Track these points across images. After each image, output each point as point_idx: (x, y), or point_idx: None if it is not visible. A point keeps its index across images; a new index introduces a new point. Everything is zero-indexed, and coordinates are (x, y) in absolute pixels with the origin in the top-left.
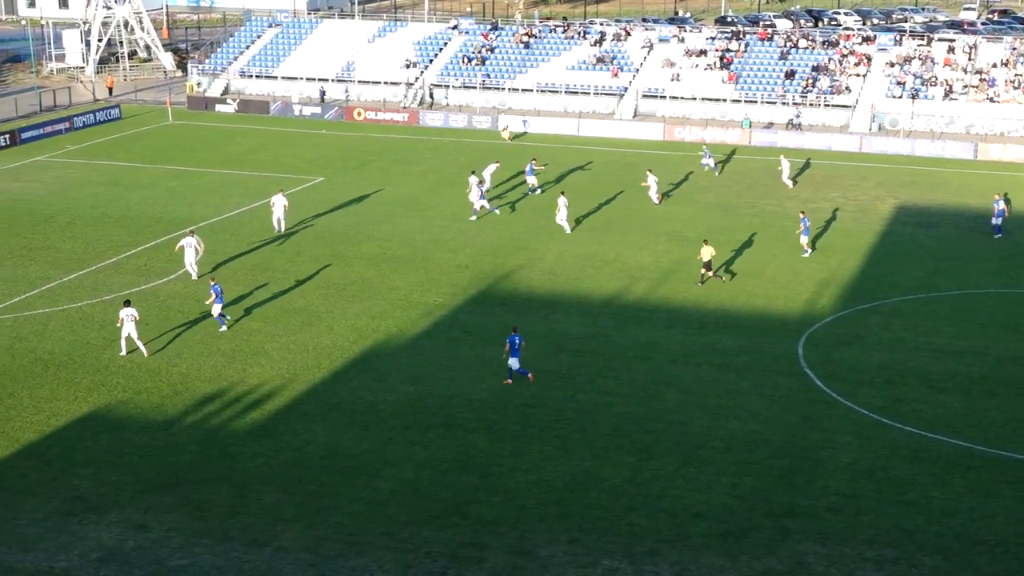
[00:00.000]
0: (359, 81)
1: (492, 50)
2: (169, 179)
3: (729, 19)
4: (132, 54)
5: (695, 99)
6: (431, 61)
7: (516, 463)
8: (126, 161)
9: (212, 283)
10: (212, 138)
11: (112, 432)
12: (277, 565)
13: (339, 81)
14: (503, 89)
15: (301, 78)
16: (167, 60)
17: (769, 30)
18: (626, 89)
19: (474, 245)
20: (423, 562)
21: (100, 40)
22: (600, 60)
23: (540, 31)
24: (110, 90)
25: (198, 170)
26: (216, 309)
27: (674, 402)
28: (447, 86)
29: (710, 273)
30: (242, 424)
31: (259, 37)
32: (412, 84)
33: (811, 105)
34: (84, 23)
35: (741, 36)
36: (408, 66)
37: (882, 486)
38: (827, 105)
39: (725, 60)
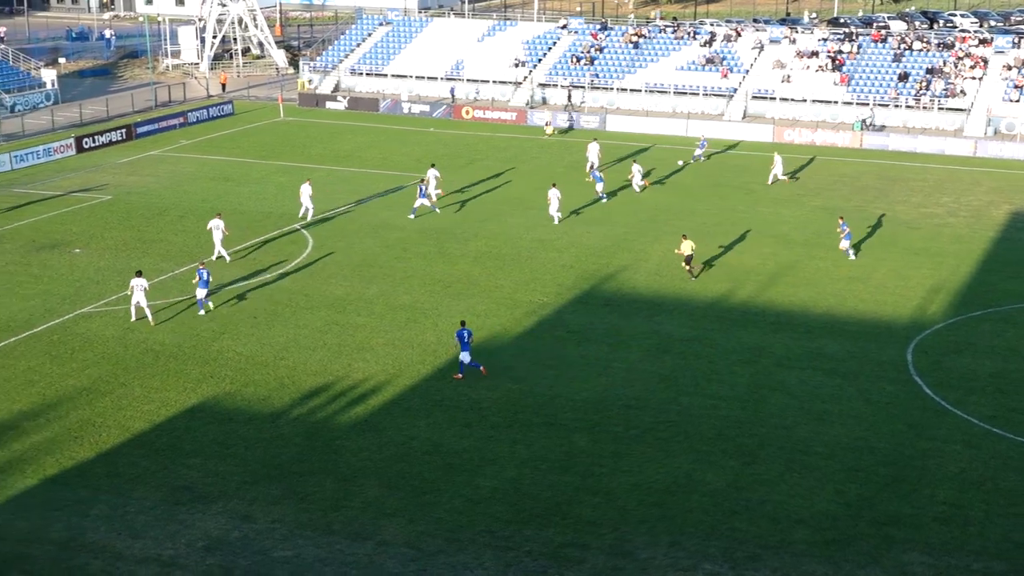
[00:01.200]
0: (467, 80)
1: (601, 50)
2: (279, 175)
3: (842, 20)
4: (245, 51)
5: (805, 101)
6: (540, 60)
7: (617, 464)
8: (238, 156)
9: (199, 267)
10: (322, 135)
11: (220, 423)
12: (379, 559)
13: (448, 79)
14: (611, 89)
15: (411, 76)
16: (279, 57)
17: (883, 31)
18: (735, 90)
19: (579, 245)
20: (523, 561)
21: (215, 37)
22: (710, 61)
23: (650, 31)
24: (223, 86)
25: (308, 166)
26: (199, 293)
27: (778, 406)
28: (555, 85)
29: (698, 267)
30: (347, 418)
31: (370, 35)
32: (520, 83)
33: (924, 108)
34: (200, 20)
35: (854, 37)
36: (517, 65)
37: (991, 497)
38: (941, 108)
39: (837, 62)
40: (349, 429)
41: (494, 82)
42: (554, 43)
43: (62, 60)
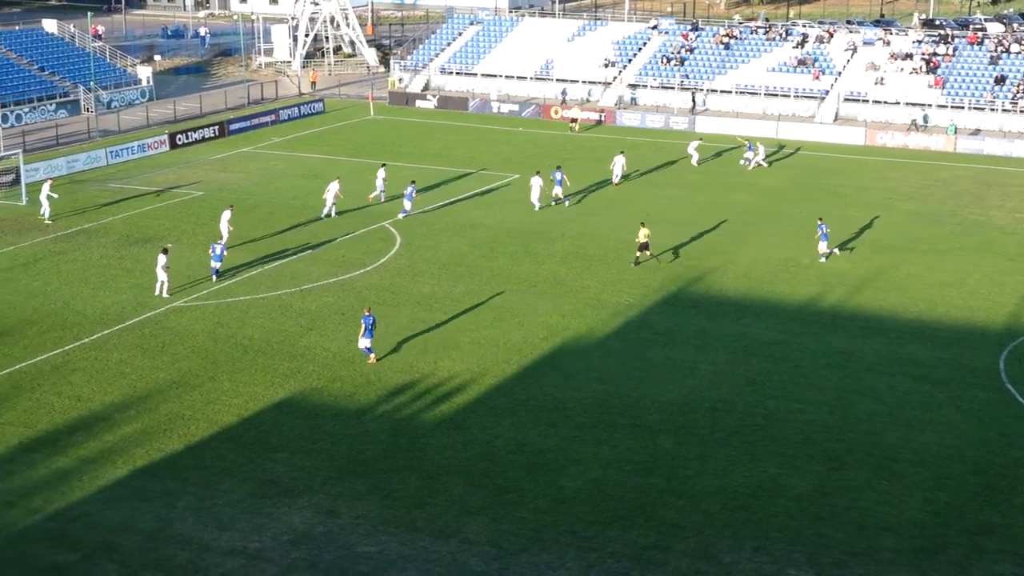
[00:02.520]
0: (557, 79)
1: (692, 50)
2: (368, 172)
3: (937, 22)
4: (337, 49)
5: (899, 103)
6: (630, 61)
7: (702, 467)
8: (328, 154)
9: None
10: (412, 133)
11: (306, 418)
12: (462, 557)
13: (538, 79)
14: (701, 90)
15: (500, 75)
16: (370, 56)
17: (979, 34)
18: (827, 92)
19: (666, 245)
20: (606, 562)
21: (307, 35)
22: (801, 62)
23: (741, 32)
24: (313, 84)
25: (397, 164)
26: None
27: (867, 412)
28: (645, 86)
29: (647, 254)
30: (432, 416)
31: (460, 34)
32: (610, 83)
33: (1022, 112)
34: (292, 19)
35: (949, 40)
36: (607, 65)
37: None
38: None
39: (932, 64)
40: (434, 427)
41: (583, 82)
42: (644, 43)
43: (157, 58)
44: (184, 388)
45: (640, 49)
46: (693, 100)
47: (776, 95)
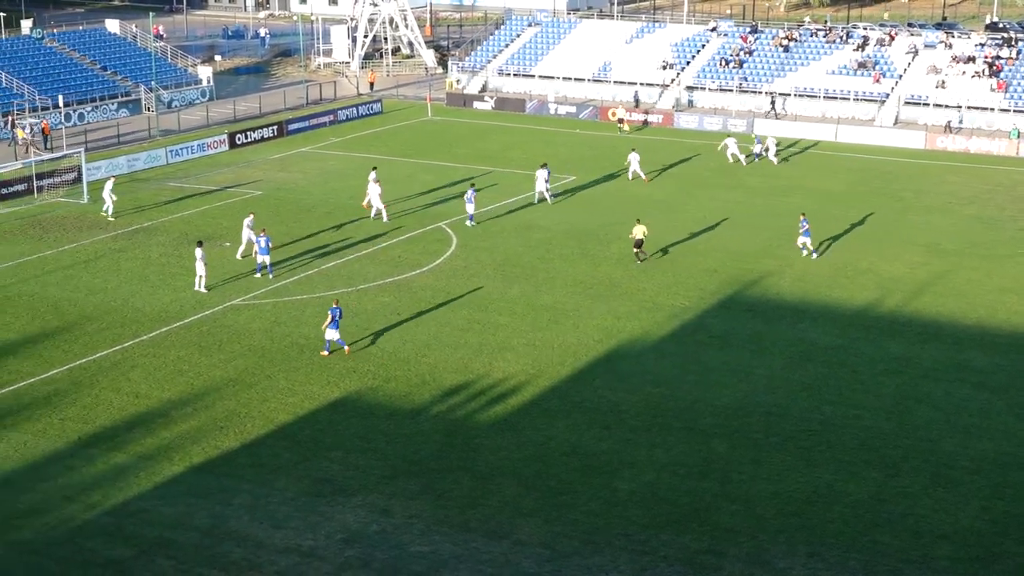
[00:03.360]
0: (615, 81)
1: (751, 53)
2: (425, 173)
3: (1001, 25)
4: (395, 50)
5: (960, 107)
6: (688, 63)
7: (757, 472)
8: (385, 155)
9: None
10: (469, 134)
11: (361, 418)
12: (515, 558)
13: (595, 81)
14: (760, 93)
15: (558, 77)
16: (429, 57)
17: None
18: (888, 95)
19: (723, 249)
20: (659, 565)
21: (366, 36)
22: (862, 65)
23: (801, 34)
24: (372, 85)
25: (453, 165)
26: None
27: (924, 419)
28: (703, 88)
29: (640, 250)
30: (486, 417)
31: (518, 36)
32: (668, 86)
33: None
34: (351, 20)
35: (1013, 43)
36: (664, 67)
37: None
38: None
39: (994, 68)
40: (488, 428)
41: (641, 84)
42: (703, 46)
43: (218, 58)
44: (240, 386)
45: (698, 51)
46: (772, 104)
47: (835, 98)
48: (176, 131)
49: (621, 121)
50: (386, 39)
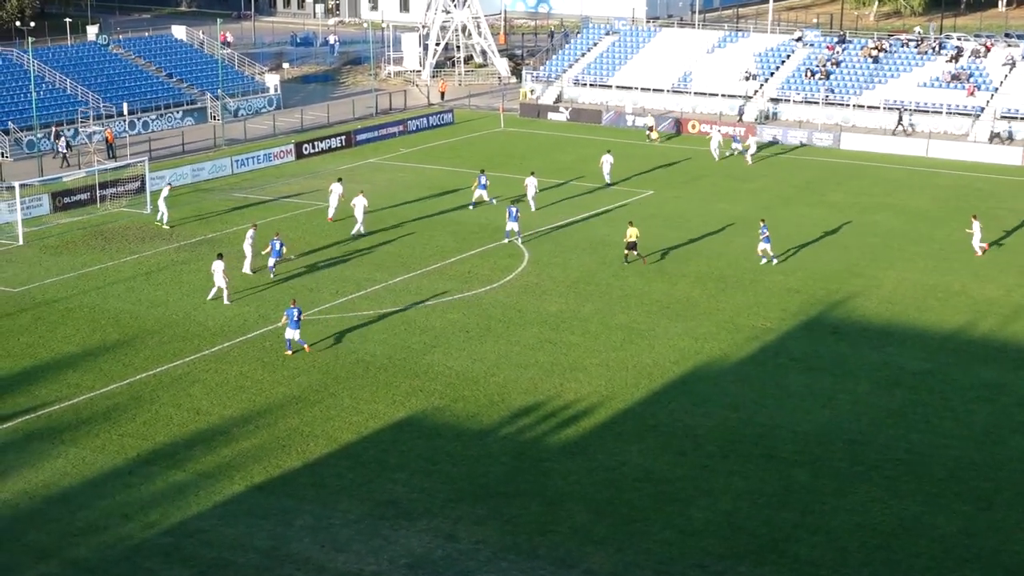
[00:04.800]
0: (695, 93)
1: (838, 64)
2: (501, 186)
3: None
4: (468, 59)
5: None
6: (772, 74)
7: (840, 502)
8: (456, 166)
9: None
10: (542, 146)
11: (427, 438)
12: None
13: (675, 92)
14: (847, 105)
15: (636, 87)
16: (502, 66)
17: None
18: (983, 109)
19: (807, 269)
20: None
21: (438, 44)
22: (955, 77)
23: (891, 45)
24: (443, 95)
25: (526, 178)
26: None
27: (1018, 449)
28: (787, 100)
29: (635, 253)
30: (556, 439)
31: (595, 45)
32: (751, 97)
33: None
34: (423, 27)
35: None
36: (747, 78)
37: None
38: None
39: None
40: (558, 451)
41: (723, 95)
42: (788, 56)
43: (286, 65)
44: (303, 404)
45: (783, 62)
46: (900, 119)
47: (927, 111)
48: (242, 140)
49: (651, 129)
50: (458, 47)
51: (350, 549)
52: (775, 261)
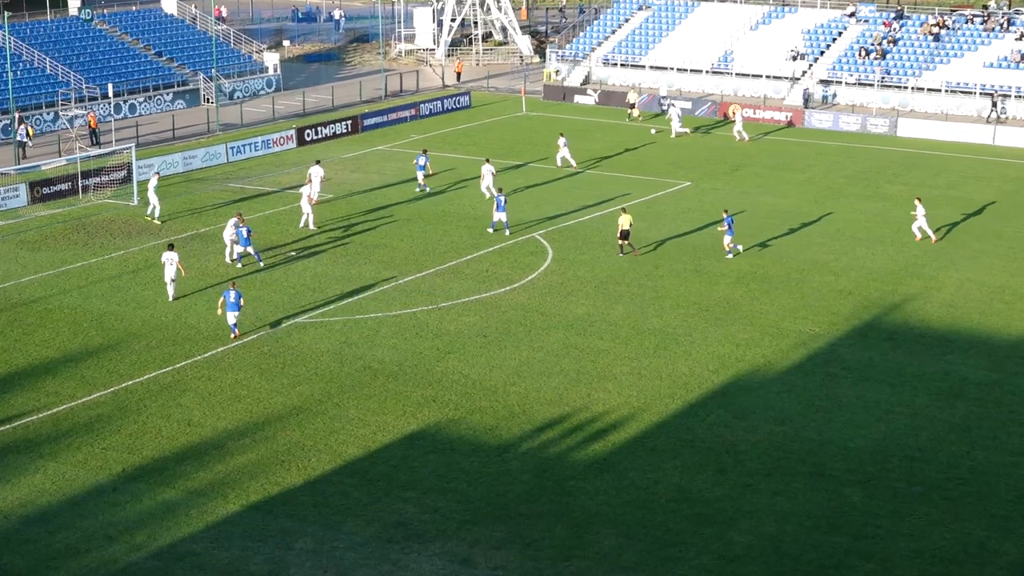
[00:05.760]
0: (736, 74)
1: (895, 42)
2: (517, 176)
3: None
4: (486, 36)
5: None
6: (822, 53)
7: (896, 526)
8: (473, 154)
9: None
10: (567, 132)
11: (441, 454)
12: None
13: (714, 73)
14: (905, 88)
15: (671, 68)
16: (524, 44)
17: None
18: None
19: (860, 268)
20: None
21: (453, 20)
22: None
23: (954, 21)
24: (459, 75)
25: (550, 167)
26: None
27: None
28: (838, 82)
29: (627, 243)
30: (583, 455)
31: (627, 21)
32: (798, 79)
33: None
34: (437, 1)
35: None
36: (795, 58)
37: None
38: None
39: None
40: (585, 468)
41: (767, 77)
42: (839, 33)
43: (286, 43)
44: (305, 415)
45: (834, 40)
46: (994, 105)
47: (994, 94)
48: (238, 125)
49: (632, 107)
50: (476, 23)
51: (356, 574)
52: (736, 252)
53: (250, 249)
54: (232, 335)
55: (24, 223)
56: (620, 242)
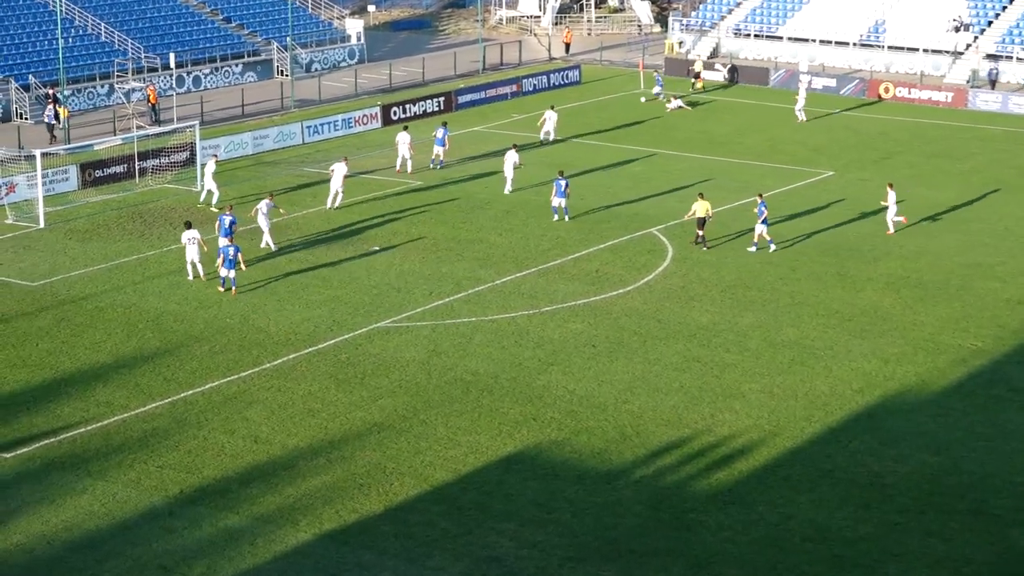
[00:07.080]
0: (889, 47)
1: None
2: (635, 165)
3: None
4: (600, 2)
5: None
6: (990, 23)
7: None
8: (582, 138)
9: (227, 244)
10: (692, 113)
11: (542, 480)
12: None
13: (863, 46)
14: None
15: (813, 40)
16: (643, 11)
17: None
18: None
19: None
20: None
21: None
22: None
23: None
24: (567, 47)
25: (672, 153)
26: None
27: None
28: (1009, 57)
29: (701, 233)
30: (705, 485)
31: None
32: (961, 53)
33: None
34: None
35: None
36: (957, 29)
37: None
38: None
39: None
40: (707, 499)
41: (924, 51)
42: (1011, 0)
43: (371, 8)
44: (387, 433)
45: (1004, 8)
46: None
47: None
48: (316, 102)
49: (697, 76)
50: None
51: None
52: (772, 247)
53: (225, 241)
54: (220, 288)
55: (74, 210)
56: (698, 232)
